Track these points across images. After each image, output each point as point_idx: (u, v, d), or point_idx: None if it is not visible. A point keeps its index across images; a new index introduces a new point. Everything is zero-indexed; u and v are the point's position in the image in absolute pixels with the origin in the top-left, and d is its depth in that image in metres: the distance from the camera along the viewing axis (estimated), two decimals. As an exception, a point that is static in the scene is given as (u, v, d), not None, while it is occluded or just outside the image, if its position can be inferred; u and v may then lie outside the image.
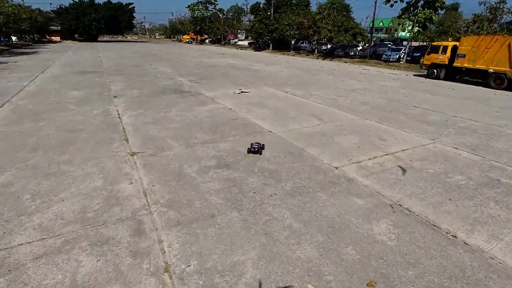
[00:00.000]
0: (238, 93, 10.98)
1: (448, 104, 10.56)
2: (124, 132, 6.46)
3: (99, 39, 73.90)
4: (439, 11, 22.65)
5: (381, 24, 73.05)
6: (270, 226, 3.39)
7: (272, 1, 44.17)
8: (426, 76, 18.78)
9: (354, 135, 6.62)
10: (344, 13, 37.63)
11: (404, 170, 4.93)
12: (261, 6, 52.45)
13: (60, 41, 61.00)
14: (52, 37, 62.36)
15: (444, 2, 22.11)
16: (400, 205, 3.89)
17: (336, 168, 4.93)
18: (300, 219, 3.53)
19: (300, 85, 13.58)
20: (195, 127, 6.92)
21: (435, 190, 4.33)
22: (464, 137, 6.79)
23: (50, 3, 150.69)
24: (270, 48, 44.70)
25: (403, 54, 26.03)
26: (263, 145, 5.64)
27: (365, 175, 4.72)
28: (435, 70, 18.11)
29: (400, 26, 24.29)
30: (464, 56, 16.36)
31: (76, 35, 68.10)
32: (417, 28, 23.48)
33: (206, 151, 5.50)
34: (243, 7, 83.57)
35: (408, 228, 3.42)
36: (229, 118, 7.68)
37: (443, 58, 17.62)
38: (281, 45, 43.27)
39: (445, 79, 17.72)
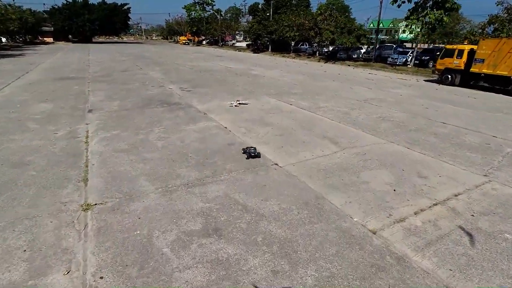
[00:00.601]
0: (236, 106, 9.50)
1: (478, 119, 9.13)
2: (86, 166, 4.95)
3: (94, 40, 72.25)
4: (449, 12, 21.25)
5: (381, 25, 71.93)
6: None
7: (271, 2, 42.76)
8: (438, 82, 17.39)
9: (384, 170, 5.14)
10: (347, 14, 36.16)
11: (470, 236, 3.46)
12: (260, 6, 51.02)
13: (53, 42, 59.27)
14: (45, 38, 60.49)
15: (455, 3, 20.72)
16: (495, 321, 2.41)
17: (374, 233, 3.45)
18: None
19: (306, 94, 12.11)
20: (179, 157, 5.42)
21: (532, 279, 2.86)
22: (523, 171, 5.33)
23: (44, 3, 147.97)
24: (269, 50, 43.27)
25: (410, 57, 24.64)
26: (255, 148, 5.64)
27: (418, 247, 3.24)
28: (449, 76, 16.72)
29: (408, 27, 22.82)
30: (483, 61, 14.98)
31: (70, 36, 66.42)
32: (425, 30, 22.02)
33: (189, 201, 4.00)
34: (241, 8, 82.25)
35: None
36: (224, 143, 6.19)
37: (458, 62, 16.23)
38: (281, 47, 41.85)
39: (459, 85, 16.35)
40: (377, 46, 28.27)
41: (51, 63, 21.23)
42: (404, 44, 57.94)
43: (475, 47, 15.74)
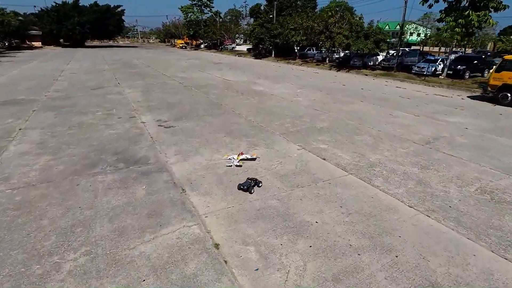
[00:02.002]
0: (237, 165, 5.84)
1: None
2: None
3: (87, 44, 68.70)
4: (492, 12, 17.67)
5: (387, 27, 68.52)
6: None
7: (275, 3, 39.16)
8: (492, 101, 13.75)
9: None
10: (359, 17, 32.43)
11: None
12: (262, 8, 47.42)
13: (41, 47, 55.59)
14: (33, 43, 56.69)
15: (501, 2, 17.11)
16: None
17: None
18: None
19: (337, 131, 8.44)
20: None
21: None
22: None
23: (35, 6, 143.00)
24: (272, 55, 39.63)
25: (440, 66, 20.99)
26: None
27: None
28: (509, 94, 13.07)
29: (443, 30, 19.16)
30: (562, 76, 11.33)
31: (61, 40, 62.82)
32: (463, 33, 18.34)
33: None
34: (241, 10, 78.66)
35: None
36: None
37: (524, 78, 12.58)
38: (285, 52, 38.21)
39: (522, 106, 12.76)
40: (400, 52, 24.56)
41: (11, 76, 17.57)
42: (411, 46, 54.55)
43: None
